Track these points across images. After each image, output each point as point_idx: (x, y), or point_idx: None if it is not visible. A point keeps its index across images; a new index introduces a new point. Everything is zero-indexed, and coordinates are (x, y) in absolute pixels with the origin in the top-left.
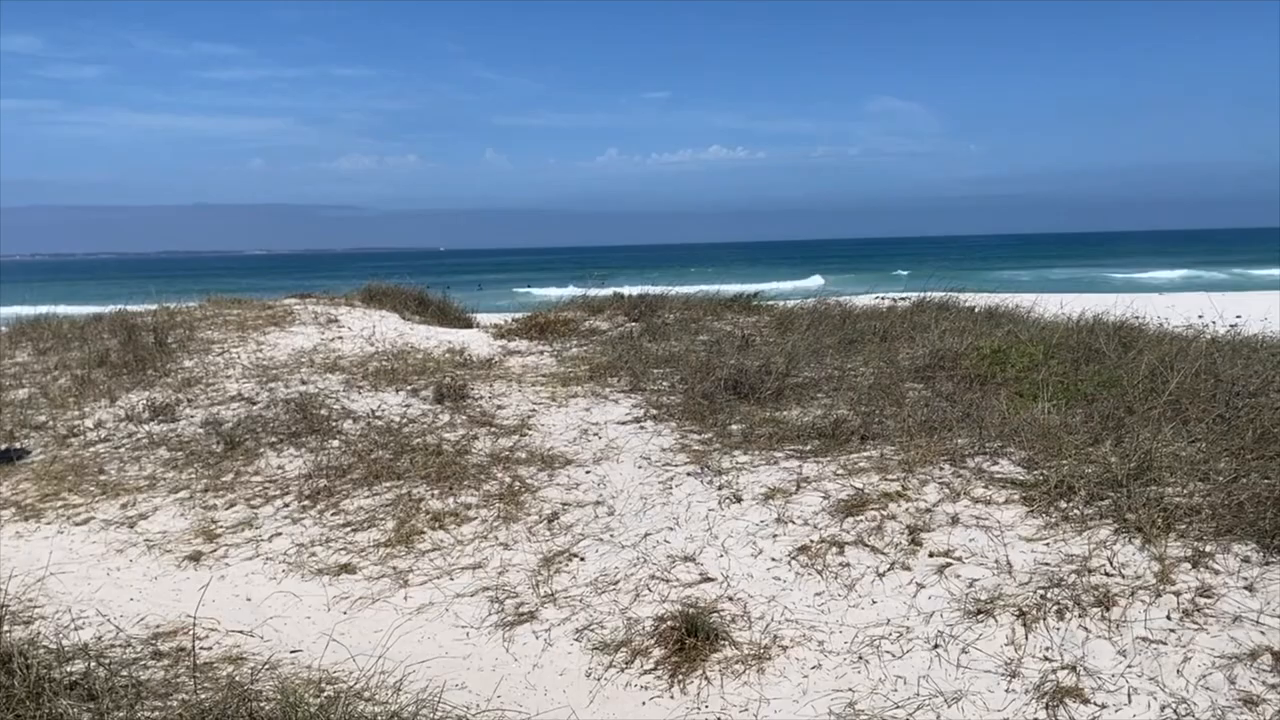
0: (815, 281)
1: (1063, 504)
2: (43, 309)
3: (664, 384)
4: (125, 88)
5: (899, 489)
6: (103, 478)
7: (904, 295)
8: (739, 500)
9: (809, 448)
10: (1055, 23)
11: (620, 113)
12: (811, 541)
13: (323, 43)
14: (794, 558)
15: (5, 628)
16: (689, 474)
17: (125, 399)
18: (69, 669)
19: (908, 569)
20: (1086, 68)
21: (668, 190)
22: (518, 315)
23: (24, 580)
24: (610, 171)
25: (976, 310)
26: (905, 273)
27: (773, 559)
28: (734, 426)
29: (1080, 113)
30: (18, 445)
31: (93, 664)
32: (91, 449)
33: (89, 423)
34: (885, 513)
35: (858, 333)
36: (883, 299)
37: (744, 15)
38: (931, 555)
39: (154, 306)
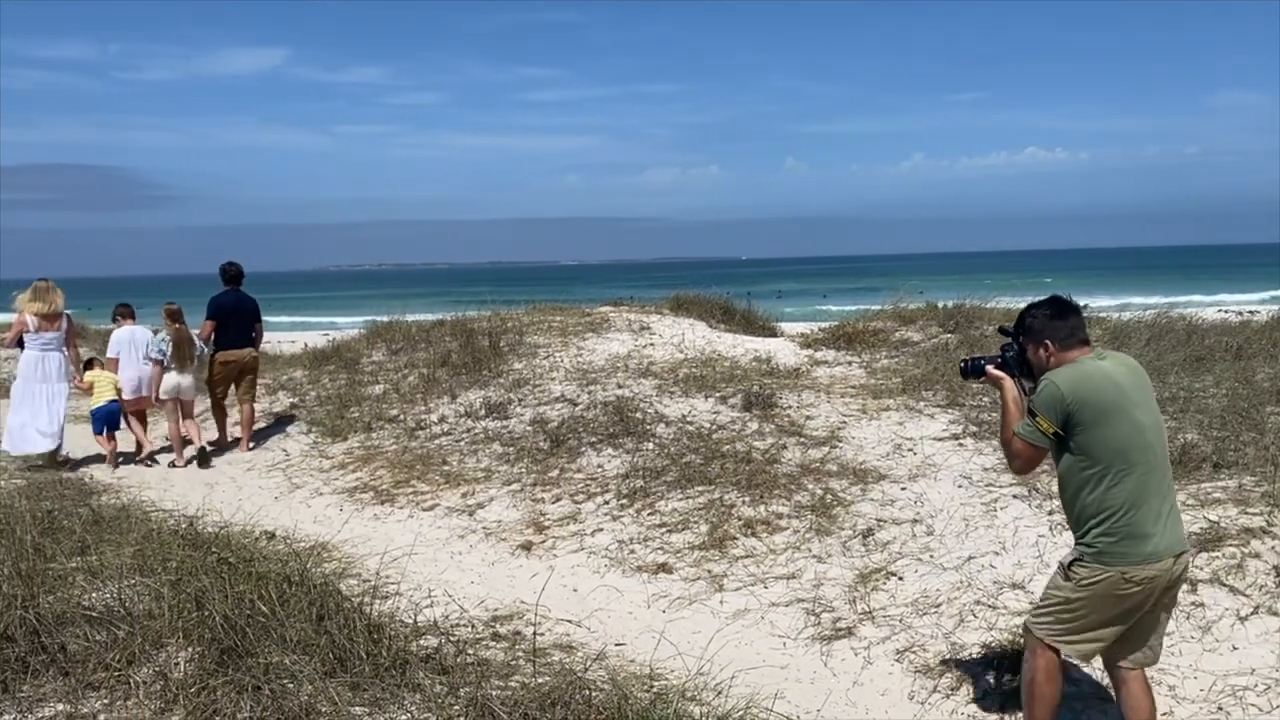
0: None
1: None
2: (386, 315)
3: (984, 399)
4: (458, 111)
5: (1263, 524)
6: (445, 468)
7: (1253, 308)
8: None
9: None
10: None
11: (927, 116)
12: None
13: (633, 62)
14: None
15: (370, 601)
16: (1015, 496)
17: (464, 397)
18: (422, 643)
19: (1275, 614)
20: None
21: (978, 195)
22: (824, 324)
23: (382, 559)
24: (916, 177)
25: None
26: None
27: None
28: None
29: None
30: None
31: (443, 641)
32: (435, 441)
33: (434, 417)
34: (1247, 550)
35: (1206, 349)
36: (1228, 312)
37: (1064, 10)
38: None
39: (487, 312)
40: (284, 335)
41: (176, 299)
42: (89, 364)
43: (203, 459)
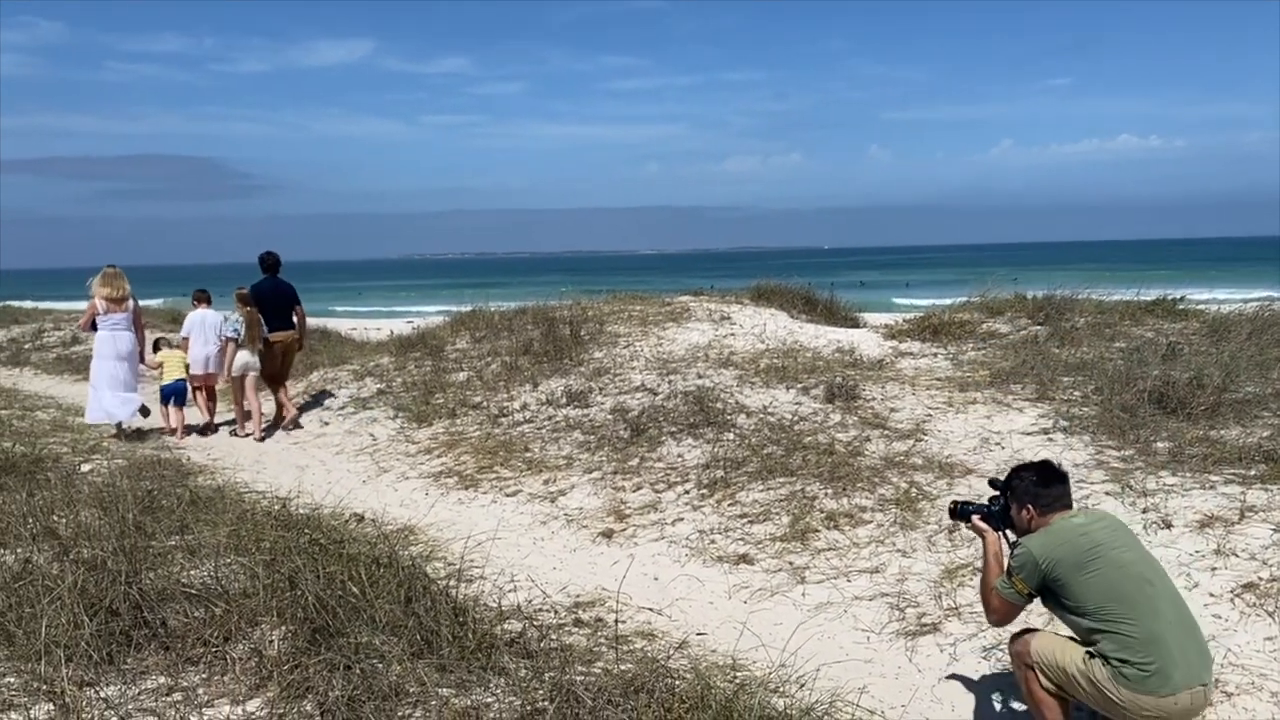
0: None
1: None
2: (465, 303)
3: (1075, 394)
4: (539, 101)
5: None
6: (527, 455)
7: None
8: (1168, 526)
9: (1253, 473)
10: None
11: (1016, 102)
12: (1260, 579)
13: (715, 49)
14: (1238, 595)
15: (456, 584)
16: (1107, 493)
17: (546, 385)
18: (506, 627)
19: None
20: None
21: (1068, 183)
22: (908, 315)
23: (467, 543)
24: (1003, 164)
25: None
26: None
27: (1210, 594)
28: (1160, 444)
29: None
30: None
31: (527, 625)
32: (518, 428)
33: (516, 404)
34: None
35: None
36: None
37: None
38: None
39: (568, 301)
40: (370, 323)
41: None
42: (156, 345)
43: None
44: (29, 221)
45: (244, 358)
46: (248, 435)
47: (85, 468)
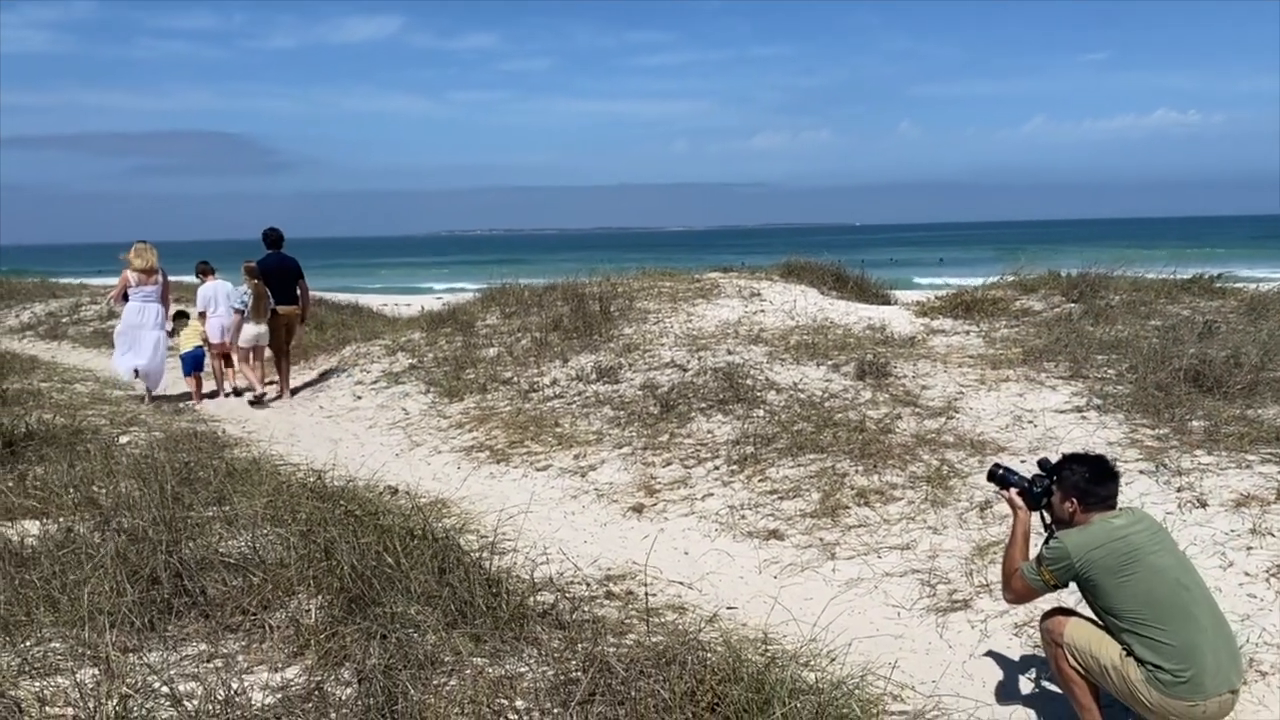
0: None
1: None
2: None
3: (1109, 372)
4: (566, 77)
5: None
6: (558, 430)
7: None
8: (1203, 505)
9: None
10: None
11: (1050, 77)
12: None
13: (744, 23)
14: (1273, 575)
15: (489, 556)
16: (1141, 471)
17: (575, 361)
18: (539, 599)
19: None
20: None
21: (1102, 160)
22: (940, 293)
23: (499, 516)
24: (1036, 140)
25: None
26: None
27: (1245, 573)
28: (1195, 423)
29: None
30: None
31: (559, 597)
32: (548, 404)
33: (546, 380)
34: None
35: None
36: None
37: None
38: None
39: (598, 278)
40: (401, 298)
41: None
42: (178, 315)
43: (258, 401)
44: (65, 197)
45: (252, 329)
46: (265, 398)
47: (123, 440)
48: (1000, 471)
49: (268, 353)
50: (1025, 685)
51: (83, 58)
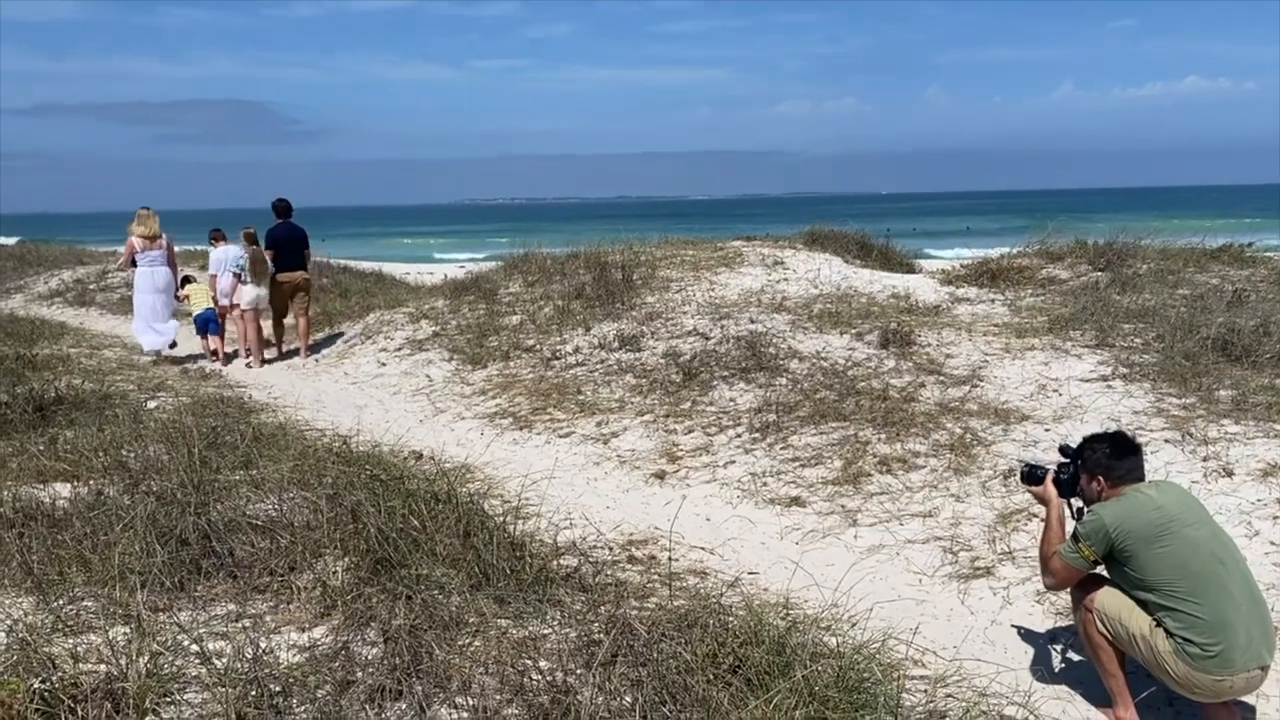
0: None
1: None
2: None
3: (1136, 341)
4: (589, 43)
5: None
6: (580, 397)
7: None
8: (1229, 474)
9: None
10: None
11: (1079, 44)
12: None
13: None
14: None
15: (513, 521)
16: (1167, 440)
17: (598, 328)
18: (562, 562)
19: None
20: None
21: (1132, 127)
22: (965, 261)
23: (523, 482)
24: (1064, 107)
25: None
26: None
27: (1271, 543)
28: (1222, 392)
29: None
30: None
31: (582, 561)
32: (570, 371)
33: (568, 348)
34: None
35: None
36: None
37: None
38: None
39: (620, 246)
40: (424, 266)
41: (321, 230)
42: (185, 280)
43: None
44: (91, 165)
45: (252, 292)
46: (269, 361)
47: (151, 404)
48: (1030, 469)
49: (267, 331)
50: (1047, 652)
51: (108, 25)
